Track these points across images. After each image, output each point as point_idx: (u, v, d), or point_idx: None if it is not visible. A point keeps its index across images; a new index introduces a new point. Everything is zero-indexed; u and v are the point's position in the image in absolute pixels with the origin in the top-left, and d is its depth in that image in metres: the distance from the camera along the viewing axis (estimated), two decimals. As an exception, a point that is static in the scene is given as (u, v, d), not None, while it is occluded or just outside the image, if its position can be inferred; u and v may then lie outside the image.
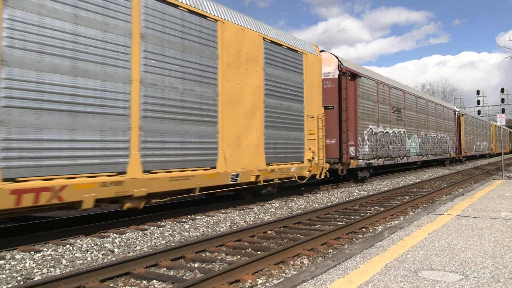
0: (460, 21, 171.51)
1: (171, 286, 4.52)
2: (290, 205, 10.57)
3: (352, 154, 14.98)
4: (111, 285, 4.63)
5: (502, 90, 66.24)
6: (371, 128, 16.91)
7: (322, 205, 10.60)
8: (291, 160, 11.46)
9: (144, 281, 4.70)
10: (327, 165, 13.25)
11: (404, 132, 20.74)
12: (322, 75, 13.57)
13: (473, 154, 36.07)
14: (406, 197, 12.13)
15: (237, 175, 9.48)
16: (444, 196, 12.20)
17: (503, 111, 59.65)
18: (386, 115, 18.60)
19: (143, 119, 7.41)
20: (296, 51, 11.94)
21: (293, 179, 11.55)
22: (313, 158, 12.24)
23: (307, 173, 12.03)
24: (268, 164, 10.51)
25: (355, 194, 13.10)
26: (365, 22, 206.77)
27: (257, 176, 10.10)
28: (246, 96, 9.94)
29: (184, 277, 4.83)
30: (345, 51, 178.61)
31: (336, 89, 14.82)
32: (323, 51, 14.89)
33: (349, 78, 15.09)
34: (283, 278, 4.53)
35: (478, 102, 67.24)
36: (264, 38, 10.65)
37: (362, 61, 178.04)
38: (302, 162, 11.91)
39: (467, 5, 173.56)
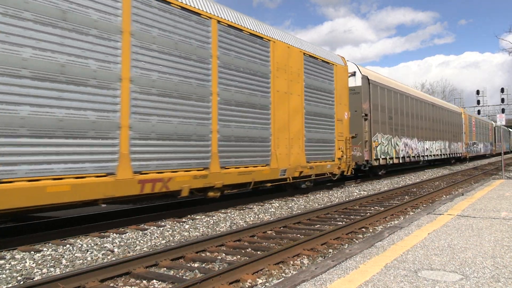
0: (466, 21, 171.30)
1: (171, 286, 4.52)
2: (290, 205, 10.57)
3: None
4: (111, 285, 4.63)
5: (502, 90, 66.33)
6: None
7: (322, 205, 10.60)
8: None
9: (144, 281, 4.70)
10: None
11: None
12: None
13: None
14: (406, 197, 12.13)
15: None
16: (444, 196, 12.21)
17: (502, 111, 59.68)
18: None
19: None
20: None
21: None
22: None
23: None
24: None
25: (355, 194, 13.10)
26: (370, 23, 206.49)
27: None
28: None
29: (184, 277, 4.83)
30: (350, 51, 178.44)
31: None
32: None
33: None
34: (283, 278, 4.53)
35: (478, 102, 67.27)
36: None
37: (366, 61, 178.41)
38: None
39: (474, 4, 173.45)
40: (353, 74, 16.56)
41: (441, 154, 26.76)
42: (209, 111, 8.80)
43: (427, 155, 23.92)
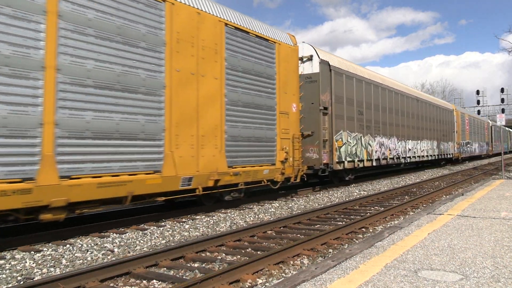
0: (466, 21, 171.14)
1: (171, 286, 4.52)
2: (290, 205, 10.58)
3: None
4: (111, 285, 4.63)
5: (502, 90, 66.36)
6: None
7: (322, 205, 10.60)
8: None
9: (144, 281, 4.71)
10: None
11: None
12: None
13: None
14: (406, 197, 12.14)
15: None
16: (444, 196, 12.21)
17: (502, 111, 59.73)
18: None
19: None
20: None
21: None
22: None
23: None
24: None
25: (355, 194, 13.11)
26: (371, 23, 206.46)
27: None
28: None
29: (184, 277, 4.83)
30: (350, 51, 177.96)
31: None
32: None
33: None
34: (283, 278, 4.53)
35: (478, 102, 67.33)
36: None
37: (366, 61, 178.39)
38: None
39: (474, 4, 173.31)
40: (310, 58, 13.84)
41: (428, 155, 24.07)
42: (36, 93, 6.05)
43: (409, 157, 21.20)
